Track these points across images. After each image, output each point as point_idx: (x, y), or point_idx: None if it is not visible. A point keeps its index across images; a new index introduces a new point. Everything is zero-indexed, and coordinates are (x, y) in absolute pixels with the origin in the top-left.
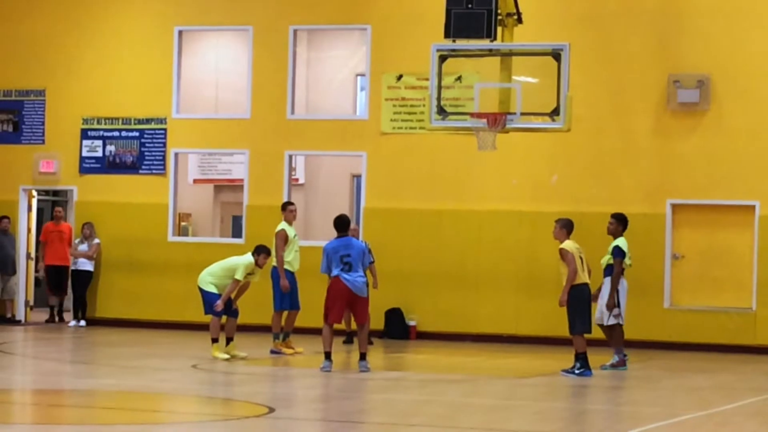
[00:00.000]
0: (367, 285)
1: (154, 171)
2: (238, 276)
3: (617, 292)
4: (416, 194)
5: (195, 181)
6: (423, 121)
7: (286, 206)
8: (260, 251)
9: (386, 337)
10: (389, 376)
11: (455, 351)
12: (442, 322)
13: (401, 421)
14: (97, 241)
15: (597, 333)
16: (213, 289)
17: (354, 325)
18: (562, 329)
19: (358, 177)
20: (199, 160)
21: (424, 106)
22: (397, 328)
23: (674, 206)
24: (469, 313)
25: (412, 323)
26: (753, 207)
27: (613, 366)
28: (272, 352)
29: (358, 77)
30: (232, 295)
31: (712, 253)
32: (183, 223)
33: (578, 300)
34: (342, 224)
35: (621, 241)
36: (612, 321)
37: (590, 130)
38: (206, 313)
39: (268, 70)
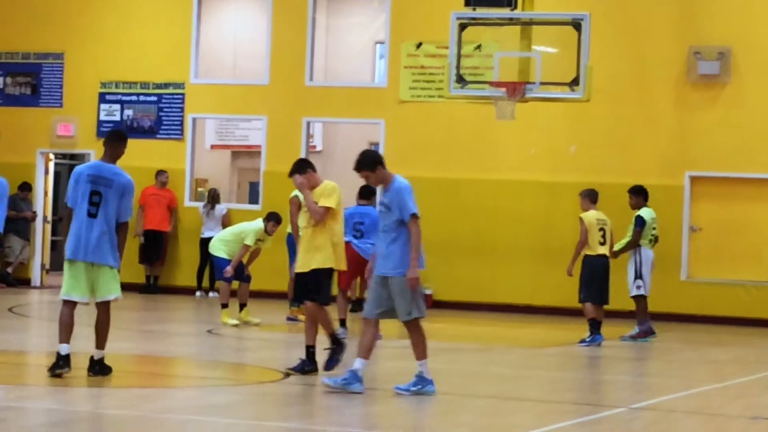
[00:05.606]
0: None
1: (171, 136)
2: (248, 242)
3: (637, 263)
4: (434, 163)
5: (212, 146)
6: (442, 89)
7: None
8: (270, 218)
9: None
10: (404, 344)
11: (471, 320)
12: (458, 291)
13: None
14: None
15: (619, 304)
16: (223, 255)
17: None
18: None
19: (375, 145)
20: (217, 125)
21: (443, 74)
22: None
23: (693, 178)
24: (485, 283)
25: (428, 292)
26: None
27: (632, 337)
28: (288, 319)
29: (378, 45)
30: (244, 260)
31: (730, 225)
32: (200, 189)
33: (588, 270)
34: (365, 192)
35: (644, 211)
36: (634, 292)
37: (609, 100)
38: (217, 278)
39: (286, 36)
